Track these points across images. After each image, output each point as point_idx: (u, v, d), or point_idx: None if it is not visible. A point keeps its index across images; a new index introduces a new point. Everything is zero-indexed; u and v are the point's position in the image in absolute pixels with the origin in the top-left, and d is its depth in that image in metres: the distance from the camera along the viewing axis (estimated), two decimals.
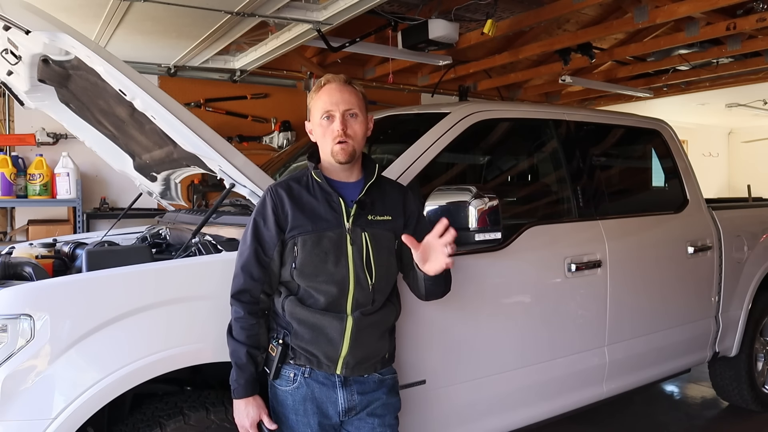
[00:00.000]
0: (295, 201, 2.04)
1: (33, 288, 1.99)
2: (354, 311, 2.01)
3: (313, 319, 2.00)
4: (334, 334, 1.99)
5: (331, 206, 2.04)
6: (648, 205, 3.69)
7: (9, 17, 2.14)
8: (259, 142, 6.61)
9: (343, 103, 2.04)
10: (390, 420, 2.13)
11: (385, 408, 2.11)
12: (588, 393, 3.16)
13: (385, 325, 2.11)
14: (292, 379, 2.03)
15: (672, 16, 4.94)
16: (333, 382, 2.04)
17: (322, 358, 2.01)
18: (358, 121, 2.07)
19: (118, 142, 3.19)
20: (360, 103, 2.08)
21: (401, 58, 6.05)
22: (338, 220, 2.02)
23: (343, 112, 2.04)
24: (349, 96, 2.06)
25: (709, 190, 5.40)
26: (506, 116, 3.17)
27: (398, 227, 2.13)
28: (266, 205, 2.05)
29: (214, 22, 4.48)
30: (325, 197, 2.05)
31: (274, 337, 2.05)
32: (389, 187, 2.22)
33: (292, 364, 2.03)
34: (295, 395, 2.02)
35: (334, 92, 2.06)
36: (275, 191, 2.07)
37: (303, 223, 2.01)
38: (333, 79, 2.10)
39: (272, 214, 2.03)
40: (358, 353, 2.02)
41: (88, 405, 1.87)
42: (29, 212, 5.60)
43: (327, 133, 2.05)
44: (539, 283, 2.91)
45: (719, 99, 9.32)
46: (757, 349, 4.23)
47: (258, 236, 2.03)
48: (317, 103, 2.09)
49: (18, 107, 3.72)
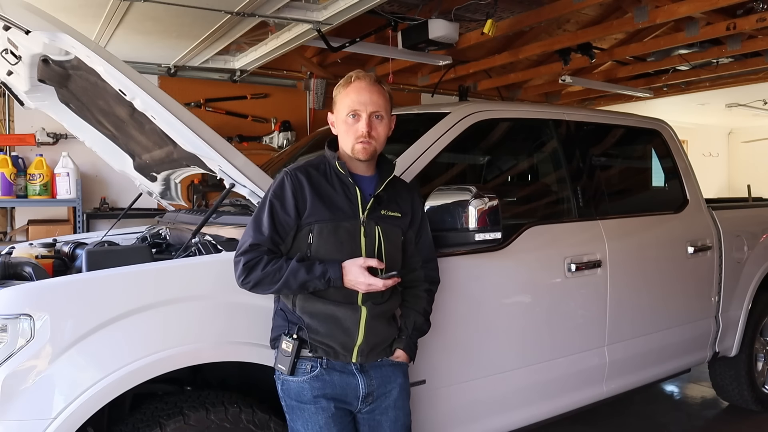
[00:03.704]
0: (314, 188, 2.06)
1: (33, 288, 1.99)
2: (365, 302, 2.05)
3: (327, 311, 2.02)
4: (349, 324, 2.03)
5: (348, 197, 2.07)
6: (648, 205, 3.69)
7: (9, 17, 2.15)
8: (259, 142, 6.61)
9: (371, 105, 2.07)
10: (408, 407, 2.20)
11: (403, 393, 2.17)
12: (588, 393, 3.16)
13: (391, 313, 2.18)
14: (309, 371, 2.04)
15: (672, 16, 4.94)
16: (350, 370, 2.07)
17: (339, 349, 2.04)
18: (382, 124, 2.10)
19: (118, 142, 3.19)
20: (386, 105, 2.11)
21: (401, 58, 6.05)
22: (354, 212, 2.06)
23: (370, 113, 2.07)
24: (378, 97, 2.08)
25: (709, 190, 5.40)
26: (506, 116, 3.17)
27: (405, 224, 2.19)
28: (285, 188, 2.05)
29: (214, 22, 4.48)
30: (343, 188, 2.08)
31: (287, 332, 2.05)
32: (400, 185, 2.27)
33: (309, 358, 2.04)
34: (314, 383, 2.03)
35: (363, 92, 2.07)
36: (295, 175, 2.08)
37: (321, 210, 2.03)
38: (363, 77, 2.11)
39: (292, 198, 2.03)
40: (371, 340, 2.07)
41: (88, 405, 1.87)
42: (29, 212, 5.61)
43: (351, 132, 2.08)
44: (539, 283, 2.91)
45: (719, 99, 9.32)
46: (757, 349, 4.23)
47: (274, 218, 2.02)
48: (344, 99, 2.09)
49: (18, 107, 3.72)
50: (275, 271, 1.97)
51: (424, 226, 2.27)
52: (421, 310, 2.23)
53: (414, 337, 2.21)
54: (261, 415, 2.15)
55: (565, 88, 8.14)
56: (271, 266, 1.98)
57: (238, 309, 2.14)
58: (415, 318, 2.21)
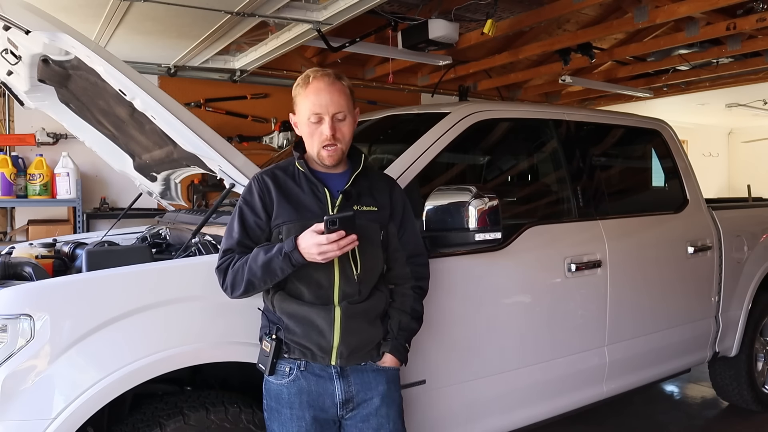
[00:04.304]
0: (280, 189, 2.04)
1: (33, 288, 1.99)
2: (341, 301, 2.01)
3: (302, 312, 2.00)
4: (323, 325, 1.99)
5: (317, 196, 2.03)
6: (648, 205, 3.69)
7: (9, 17, 2.15)
8: (259, 142, 6.61)
9: (332, 106, 2.01)
10: (393, 413, 2.11)
11: (386, 400, 2.09)
12: (588, 393, 3.16)
13: (374, 312, 2.09)
14: (287, 373, 2.02)
15: (672, 16, 4.94)
16: (329, 373, 2.03)
17: (316, 351, 2.00)
18: (346, 123, 2.05)
19: (118, 142, 3.19)
20: (348, 104, 2.06)
21: (401, 58, 6.05)
22: (323, 210, 2.01)
23: (332, 115, 2.01)
24: (338, 97, 2.02)
25: (709, 190, 5.41)
26: (506, 116, 3.17)
27: (384, 218, 2.12)
28: (253, 193, 2.05)
29: (214, 22, 4.48)
30: (311, 187, 2.05)
31: (267, 333, 2.05)
32: (376, 177, 2.21)
33: (287, 359, 2.02)
34: (291, 388, 2.02)
35: (322, 93, 2.01)
36: (261, 179, 2.07)
37: (287, 212, 2.00)
38: (321, 76, 2.03)
39: (259, 201, 2.02)
40: (351, 342, 2.01)
41: (88, 405, 1.87)
42: (29, 212, 5.60)
43: (315, 135, 2.03)
44: (539, 283, 2.91)
45: (719, 99, 9.32)
46: (757, 349, 4.23)
47: (244, 223, 2.02)
48: (304, 101, 2.04)
49: (18, 107, 3.72)
50: (242, 264, 1.96)
51: (408, 219, 2.19)
52: (408, 309, 2.15)
53: (401, 338, 2.13)
54: (261, 415, 2.14)
55: (565, 88, 8.14)
56: (239, 263, 1.97)
57: (237, 309, 2.14)
58: (400, 317, 2.14)
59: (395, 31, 5.39)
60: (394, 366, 2.12)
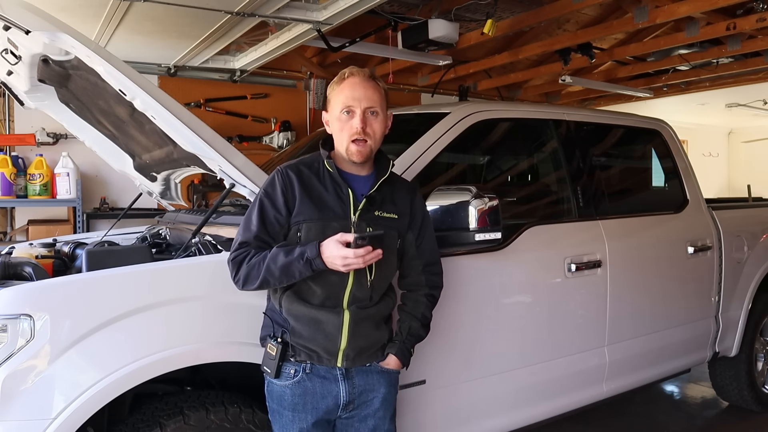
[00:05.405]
0: (304, 186, 2.01)
1: (33, 288, 1.99)
2: (350, 305, 2.00)
3: (310, 314, 1.98)
4: (331, 329, 1.98)
5: (340, 197, 2.01)
6: (648, 205, 3.69)
7: (9, 17, 2.14)
8: (259, 142, 6.61)
9: (366, 100, 2.00)
10: (389, 415, 2.13)
11: (384, 403, 2.11)
12: (588, 393, 3.16)
13: (381, 316, 2.09)
14: (292, 375, 2.01)
15: (672, 16, 4.94)
16: (334, 375, 2.03)
17: (322, 353, 2.00)
18: (378, 120, 2.04)
19: (118, 142, 3.19)
20: (382, 101, 2.05)
21: (401, 58, 6.05)
22: (345, 212, 1.99)
23: (365, 109, 2.00)
24: (372, 93, 2.02)
25: (709, 190, 5.40)
26: (506, 116, 3.17)
27: (403, 226, 2.11)
28: (276, 187, 2.01)
29: (214, 22, 4.48)
30: (335, 187, 2.02)
31: (272, 335, 2.03)
32: (399, 184, 2.19)
33: (293, 362, 2.01)
34: (295, 390, 2.01)
35: (357, 87, 2.01)
36: (286, 173, 2.03)
37: (309, 209, 1.98)
38: (357, 72, 2.04)
39: (282, 196, 1.99)
40: (357, 344, 2.01)
41: (88, 405, 1.87)
42: (29, 212, 5.61)
43: (345, 128, 2.01)
44: (539, 283, 2.91)
45: (719, 99, 9.32)
46: (757, 349, 4.23)
47: (263, 216, 1.99)
48: (338, 95, 2.03)
49: (18, 107, 3.72)
50: (259, 261, 1.93)
51: (426, 228, 2.19)
52: (419, 315, 2.16)
53: (408, 342, 2.13)
54: (261, 415, 2.14)
55: (565, 88, 8.14)
56: (255, 258, 1.95)
57: (238, 309, 2.14)
58: (411, 323, 2.15)
59: (395, 31, 5.40)
60: (396, 368, 2.13)
